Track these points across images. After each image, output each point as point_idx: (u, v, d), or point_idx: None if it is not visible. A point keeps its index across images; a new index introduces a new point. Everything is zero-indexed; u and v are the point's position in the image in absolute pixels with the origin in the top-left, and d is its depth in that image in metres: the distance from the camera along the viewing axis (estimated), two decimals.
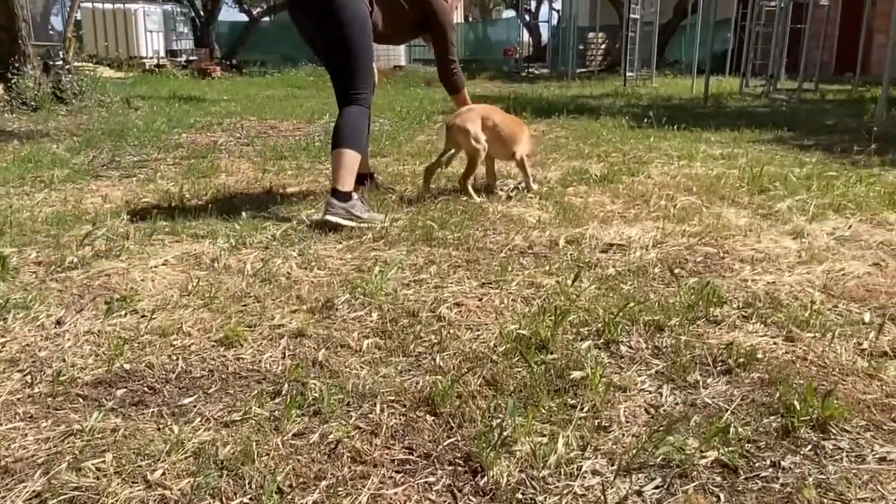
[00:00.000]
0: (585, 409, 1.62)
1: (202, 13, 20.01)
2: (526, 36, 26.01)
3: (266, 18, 22.57)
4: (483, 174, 4.00)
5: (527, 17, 26.44)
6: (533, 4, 28.57)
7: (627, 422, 1.58)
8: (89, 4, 16.99)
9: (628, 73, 14.17)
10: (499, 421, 1.56)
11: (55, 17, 21.48)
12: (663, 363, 1.86)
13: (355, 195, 3.25)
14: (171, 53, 18.43)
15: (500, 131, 3.75)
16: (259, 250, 2.82)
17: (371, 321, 2.15)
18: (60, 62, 8.25)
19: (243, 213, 3.33)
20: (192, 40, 19.84)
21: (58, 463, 1.42)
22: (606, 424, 1.57)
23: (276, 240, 2.95)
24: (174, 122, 6.94)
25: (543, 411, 1.60)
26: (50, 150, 5.10)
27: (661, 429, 1.52)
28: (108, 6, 17.49)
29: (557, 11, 24.41)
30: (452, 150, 3.80)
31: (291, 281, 2.48)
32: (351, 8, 3.27)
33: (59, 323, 2.08)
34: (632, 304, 2.17)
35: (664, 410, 1.63)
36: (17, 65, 7.60)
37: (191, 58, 18.33)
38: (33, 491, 1.34)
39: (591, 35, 19.91)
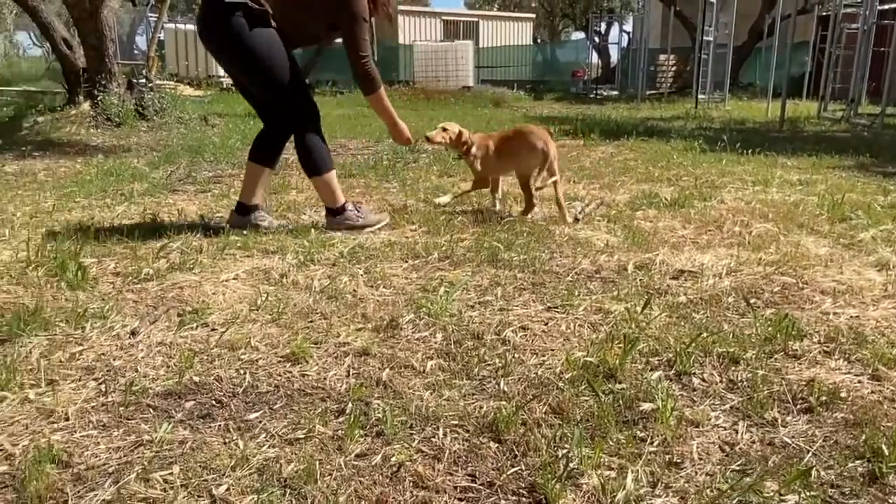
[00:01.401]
0: (656, 443, 1.56)
1: None
2: (595, 57, 25.85)
3: (338, 41, 23.11)
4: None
5: (596, 39, 26.30)
6: (603, 26, 28.40)
7: (700, 459, 1.51)
8: (172, 25, 17.74)
9: (700, 96, 13.89)
10: (565, 451, 1.51)
11: (140, 37, 22.52)
12: (738, 398, 1.78)
13: (349, 205, 3.46)
14: None
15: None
16: (326, 267, 2.85)
17: (435, 342, 2.14)
18: (143, 80, 8.62)
19: (312, 230, 3.38)
20: None
21: (127, 472, 1.45)
22: (678, 461, 1.50)
23: (343, 257, 2.98)
24: (248, 139, 7.12)
25: (611, 443, 1.55)
26: (131, 165, 5.31)
27: (737, 468, 1.45)
28: (190, 27, 18.22)
29: (628, 33, 24.17)
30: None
31: (357, 299, 2.50)
32: (249, 34, 3.14)
33: (133, 333, 2.14)
34: (705, 335, 2.09)
35: (740, 449, 1.56)
36: (103, 82, 7.98)
37: None
38: (103, 500, 1.37)
39: (661, 57, 19.63)
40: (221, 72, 17.49)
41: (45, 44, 22.52)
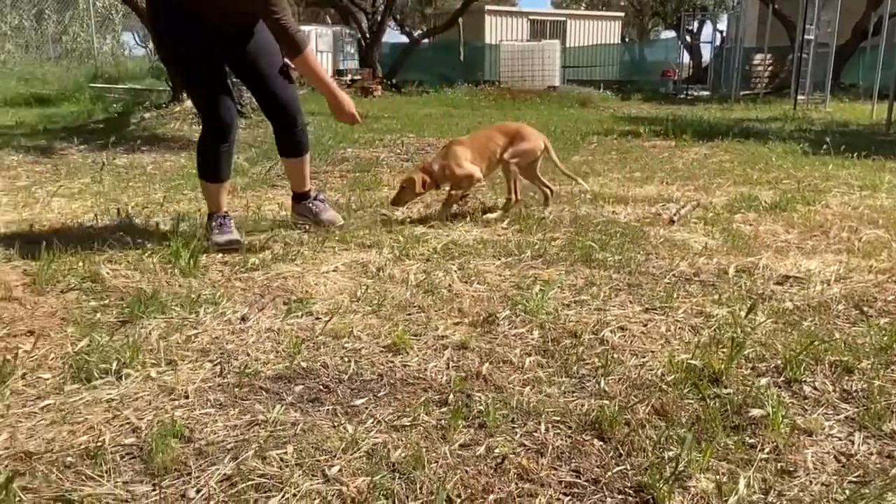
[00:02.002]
0: (766, 450, 1.52)
1: (367, 35, 21.01)
2: (686, 57, 25.17)
3: (426, 41, 23.35)
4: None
5: (687, 38, 25.58)
6: (695, 25, 27.59)
7: (815, 468, 1.47)
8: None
9: (799, 97, 13.30)
10: (672, 453, 1.49)
11: None
12: (854, 408, 1.71)
13: (313, 192, 3.38)
14: (338, 73, 19.49)
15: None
16: (421, 262, 2.90)
17: (532, 339, 2.14)
18: None
19: (406, 226, 3.44)
20: (357, 60, 20.89)
21: (245, 450, 1.52)
22: (791, 469, 1.46)
23: (437, 253, 3.02)
24: (340, 137, 7.32)
25: (720, 448, 1.52)
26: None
27: (854, 480, 1.40)
28: None
29: (721, 32, 23.39)
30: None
31: (453, 294, 2.53)
32: (167, 43, 3.06)
33: (243, 319, 2.24)
34: (815, 342, 2.02)
35: (857, 460, 1.50)
36: None
37: (355, 77, 19.29)
38: (224, 474, 1.44)
39: (757, 56, 18.91)
40: None
41: (149, 44, 23.72)
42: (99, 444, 1.53)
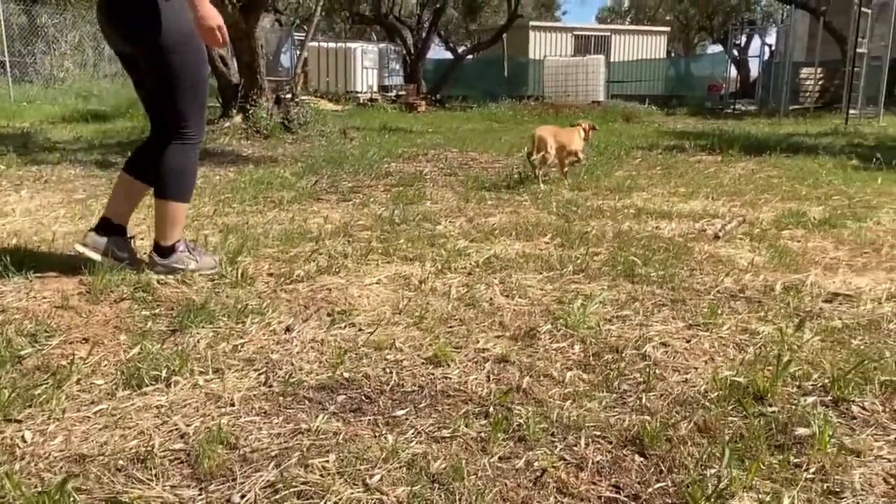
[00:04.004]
0: (812, 469, 1.49)
1: (412, 51, 21.28)
2: (733, 71, 24.83)
3: (469, 56, 23.52)
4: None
5: (735, 52, 25.26)
6: (742, 39, 27.25)
7: (863, 490, 1.43)
8: (315, 43, 18.72)
9: (851, 111, 13.00)
10: (714, 471, 1.48)
11: (284, 55, 23.87)
12: None
13: (181, 245, 2.82)
14: (383, 88, 19.77)
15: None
16: (463, 275, 2.92)
17: (573, 353, 2.14)
18: (289, 95, 9.15)
19: (448, 239, 3.46)
20: (402, 76, 21.17)
21: (288, 457, 1.55)
22: (837, 489, 1.43)
23: (478, 266, 3.04)
24: (384, 151, 7.41)
25: (763, 467, 1.50)
26: (279, 174, 5.65)
27: None
28: (332, 45, 19.19)
29: (770, 46, 23.06)
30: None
31: (494, 307, 2.54)
32: (169, 28, 2.59)
33: (288, 329, 2.29)
34: (865, 361, 1.97)
35: None
36: (254, 97, 8.55)
37: (400, 92, 19.53)
38: (268, 481, 1.47)
39: (806, 70, 18.55)
40: (359, 87, 18.29)
41: None
42: (149, 448, 1.58)
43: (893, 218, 4.10)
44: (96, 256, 2.79)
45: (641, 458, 1.56)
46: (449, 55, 20.99)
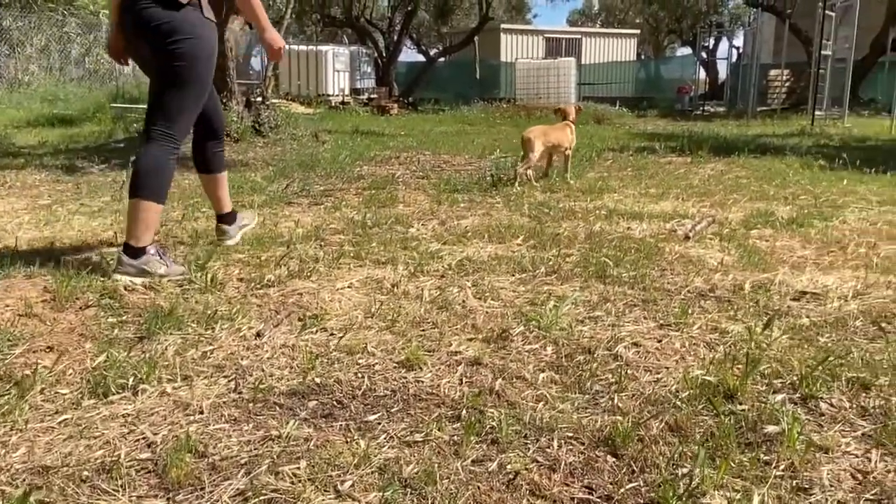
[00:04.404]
0: (782, 466, 1.51)
1: (384, 54, 21.25)
2: (702, 73, 25.16)
3: (441, 59, 23.54)
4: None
5: (703, 55, 25.59)
6: (711, 41, 27.63)
7: (831, 486, 1.45)
8: (286, 46, 18.62)
9: (817, 112, 13.23)
10: (685, 470, 1.48)
11: (254, 58, 23.68)
12: (871, 425, 1.69)
13: (151, 249, 2.82)
14: (355, 91, 19.69)
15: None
16: (435, 278, 2.91)
17: (546, 355, 2.14)
18: (260, 99, 9.07)
19: (421, 242, 3.45)
20: (374, 79, 21.10)
21: (258, 465, 1.53)
22: (806, 486, 1.45)
23: (451, 269, 3.03)
24: (356, 154, 7.38)
25: (734, 465, 1.51)
26: (249, 178, 5.60)
27: (871, 498, 1.38)
28: (303, 48, 19.07)
29: (737, 48, 23.40)
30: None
31: (467, 310, 2.53)
32: (194, 38, 2.80)
33: (258, 335, 2.26)
34: (832, 359, 2.00)
35: (874, 478, 1.48)
36: (224, 101, 8.45)
37: (372, 95, 19.48)
38: (237, 489, 1.45)
39: (773, 72, 18.86)
40: (331, 90, 18.20)
41: None
42: (114, 458, 1.55)
43: (859, 217, 4.17)
44: (238, 237, 3.44)
45: (614, 459, 1.56)
46: (421, 58, 21.01)
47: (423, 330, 2.34)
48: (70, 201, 4.62)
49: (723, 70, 25.62)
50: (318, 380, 1.94)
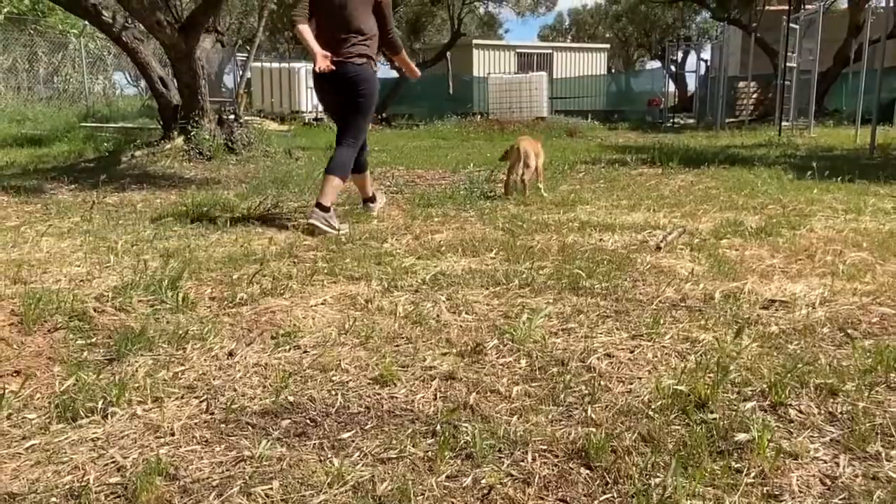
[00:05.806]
0: (752, 474, 1.53)
1: None
2: (671, 86, 25.55)
3: None
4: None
5: (672, 68, 26.00)
6: (679, 55, 28.08)
7: (801, 492, 1.47)
8: (258, 64, 18.55)
9: (783, 123, 13.49)
10: (658, 480, 1.49)
11: (227, 75, 23.56)
12: (839, 431, 1.72)
13: (332, 210, 4.22)
14: None
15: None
16: (409, 293, 2.91)
17: (520, 368, 2.15)
18: (233, 116, 9.02)
19: (395, 257, 3.45)
20: None
21: (230, 486, 1.51)
22: (777, 493, 1.47)
23: (425, 284, 3.03)
24: None
25: (706, 473, 1.52)
26: (222, 196, 5.55)
27: (840, 502, 1.40)
28: (276, 65, 19.03)
29: (705, 61, 23.82)
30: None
31: (441, 324, 2.54)
32: (372, 82, 4.49)
33: (231, 354, 2.24)
34: (800, 366, 2.03)
35: (842, 482, 1.51)
36: (196, 119, 8.40)
37: None
38: None
39: (741, 84, 19.21)
40: (304, 107, 18.16)
41: (141, 82, 23.89)
42: (83, 483, 1.52)
43: (825, 225, 4.25)
44: (376, 211, 4.91)
45: (587, 471, 1.57)
46: (394, 73, 20.96)
47: (398, 345, 2.34)
48: (38, 222, 4.55)
49: (692, 83, 26.08)
50: (291, 398, 1.93)
